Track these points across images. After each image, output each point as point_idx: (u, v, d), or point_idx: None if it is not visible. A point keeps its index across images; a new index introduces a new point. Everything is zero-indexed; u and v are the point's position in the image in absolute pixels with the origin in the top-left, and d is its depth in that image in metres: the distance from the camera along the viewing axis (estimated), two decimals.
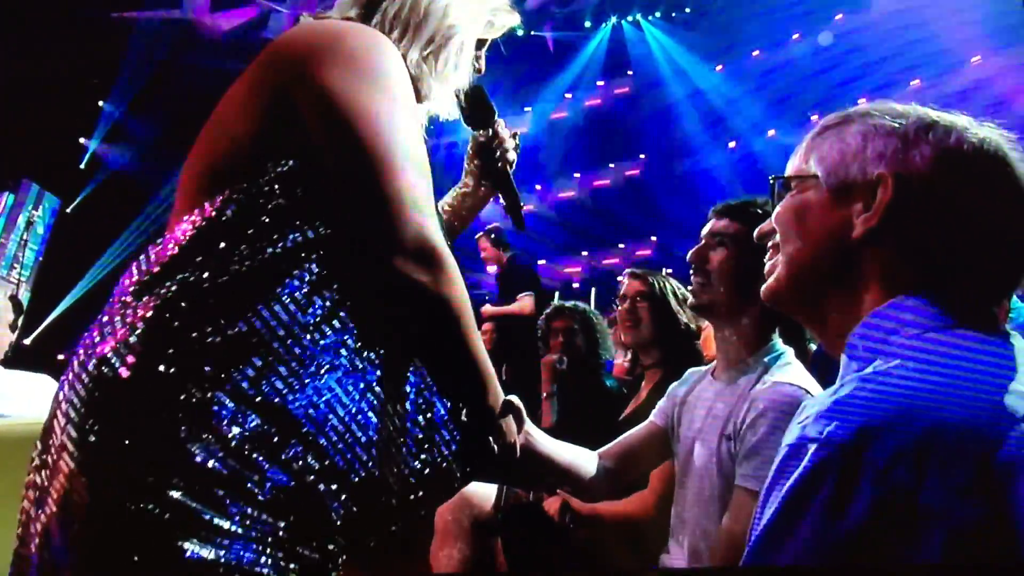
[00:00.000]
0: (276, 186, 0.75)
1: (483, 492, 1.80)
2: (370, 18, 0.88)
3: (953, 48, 8.82)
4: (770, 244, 0.68)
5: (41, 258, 9.04)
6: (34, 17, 7.35)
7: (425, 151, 0.82)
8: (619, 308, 1.96)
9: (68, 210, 9.56)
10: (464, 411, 0.83)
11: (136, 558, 0.63)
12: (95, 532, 0.64)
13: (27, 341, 6.64)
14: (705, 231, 1.22)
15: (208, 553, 0.64)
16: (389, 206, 0.74)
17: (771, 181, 0.68)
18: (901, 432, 0.45)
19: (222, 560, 0.65)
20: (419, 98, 0.92)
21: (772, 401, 1.07)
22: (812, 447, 0.48)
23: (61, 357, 6.06)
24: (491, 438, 0.84)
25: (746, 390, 1.12)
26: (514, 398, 0.93)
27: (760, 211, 1.17)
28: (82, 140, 9.69)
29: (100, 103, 9.49)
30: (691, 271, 1.19)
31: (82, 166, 9.78)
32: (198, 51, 8.97)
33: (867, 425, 0.47)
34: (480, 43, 0.99)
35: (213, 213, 0.75)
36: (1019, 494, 0.43)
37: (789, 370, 1.13)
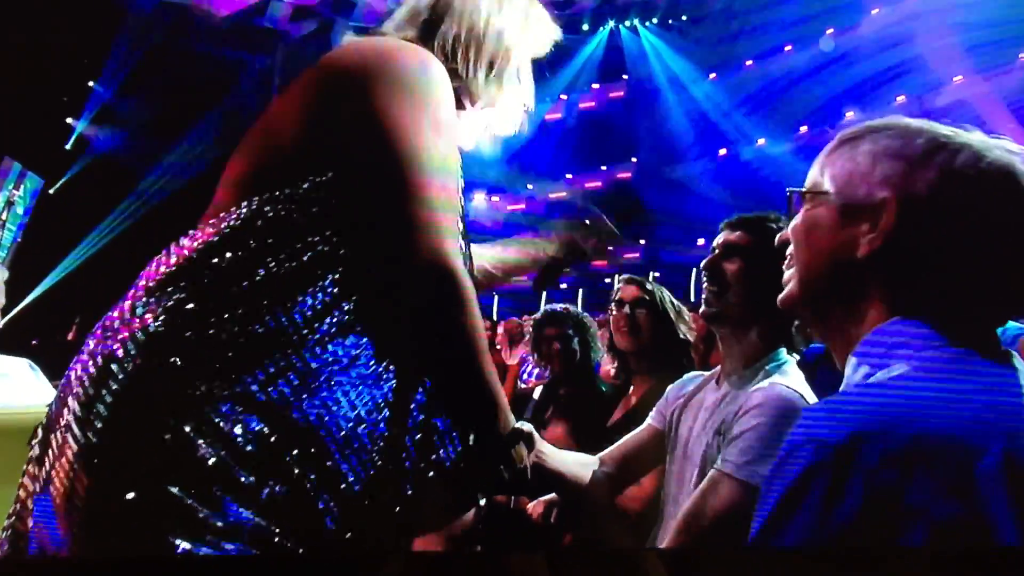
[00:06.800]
0: (311, 195, 0.76)
1: None
2: (428, 40, 0.88)
3: (937, 67, 9.03)
4: (788, 252, 0.71)
5: (19, 240, 8.80)
6: None
7: (457, 175, 0.81)
8: (614, 313, 1.94)
9: (51, 191, 9.33)
10: (473, 439, 0.81)
11: (130, 548, 0.64)
12: (94, 519, 0.64)
13: None
14: (718, 241, 1.23)
15: (200, 550, 0.64)
16: (409, 225, 0.74)
17: (788, 193, 0.71)
18: (891, 437, 0.50)
19: (213, 558, 0.64)
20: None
21: (765, 398, 1.09)
22: (810, 448, 0.52)
23: (35, 343, 5.92)
24: (502, 467, 0.82)
25: (745, 392, 1.15)
26: (525, 424, 0.91)
27: (774, 225, 1.18)
28: (69, 120, 9.43)
29: (90, 83, 9.24)
30: (704, 280, 1.21)
31: (68, 147, 9.56)
32: (194, 35, 8.81)
33: (860, 430, 0.51)
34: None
35: (247, 214, 0.75)
36: (994, 500, 0.48)
37: (788, 374, 1.15)
